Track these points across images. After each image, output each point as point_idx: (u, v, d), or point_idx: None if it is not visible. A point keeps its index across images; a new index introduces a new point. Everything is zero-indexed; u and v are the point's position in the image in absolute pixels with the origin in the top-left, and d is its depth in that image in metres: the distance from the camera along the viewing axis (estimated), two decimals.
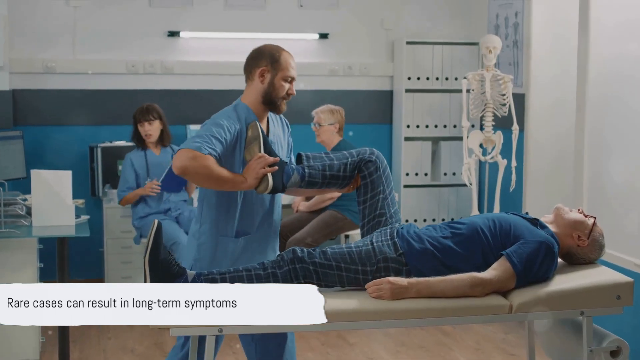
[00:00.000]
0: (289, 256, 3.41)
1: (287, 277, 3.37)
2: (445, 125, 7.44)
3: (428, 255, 3.45)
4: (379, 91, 7.55)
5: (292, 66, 3.75)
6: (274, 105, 3.75)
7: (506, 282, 3.39)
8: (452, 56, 7.38)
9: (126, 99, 7.02)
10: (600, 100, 5.55)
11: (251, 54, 3.78)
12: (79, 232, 4.96)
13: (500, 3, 6.95)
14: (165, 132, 6.32)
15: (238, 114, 3.70)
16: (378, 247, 3.45)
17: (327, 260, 3.41)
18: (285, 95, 3.74)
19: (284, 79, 3.72)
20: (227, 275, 3.35)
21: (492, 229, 3.52)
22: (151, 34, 7.12)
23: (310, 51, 7.36)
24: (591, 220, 3.65)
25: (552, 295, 3.38)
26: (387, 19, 7.49)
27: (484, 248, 3.48)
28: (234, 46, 7.12)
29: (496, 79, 6.18)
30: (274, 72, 3.71)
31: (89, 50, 6.98)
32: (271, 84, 3.71)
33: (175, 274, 3.31)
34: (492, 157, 6.30)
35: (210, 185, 3.57)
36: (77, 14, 6.97)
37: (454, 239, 3.50)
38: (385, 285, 3.31)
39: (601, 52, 5.52)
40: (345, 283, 3.43)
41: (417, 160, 7.42)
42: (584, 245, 3.62)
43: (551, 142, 6.51)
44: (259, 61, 3.73)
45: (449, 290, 3.34)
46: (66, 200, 5.13)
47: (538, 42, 6.49)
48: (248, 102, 3.76)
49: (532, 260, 3.41)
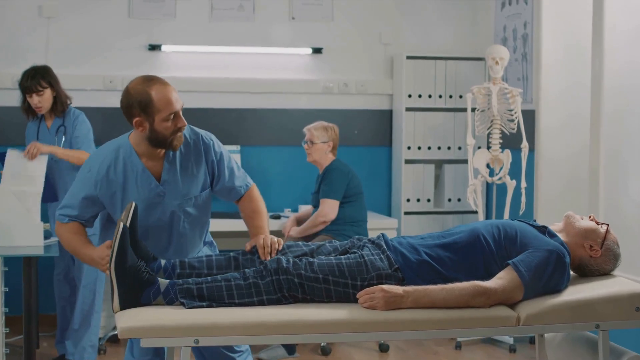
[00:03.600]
0: (273, 266, 3.35)
1: (270, 289, 3.32)
2: (449, 146, 7.40)
3: (426, 267, 3.39)
4: (377, 110, 7.51)
5: (169, 101, 3.56)
6: (166, 146, 3.64)
7: (512, 293, 3.33)
8: (456, 72, 7.36)
9: (103, 117, 6.98)
10: (617, 113, 5.53)
11: (121, 103, 3.63)
12: (47, 252, 4.89)
13: (508, 14, 6.94)
14: (59, 99, 5.92)
15: (123, 156, 3.69)
16: (370, 262, 3.39)
17: (314, 273, 3.35)
18: (174, 132, 3.61)
19: (164, 120, 3.57)
20: (204, 285, 3.29)
21: (496, 237, 3.47)
22: (130, 47, 7.10)
23: (303, 67, 7.34)
24: (604, 227, 3.59)
25: (564, 306, 3.33)
26: (385, 33, 7.48)
27: (487, 257, 3.42)
28: (220, 61, 7.10)
29: (503, 93, 6.15)
30: (150, 118, 3.57)
31: (62, 64, 6.93)
32: (152, 130, 3.59)
33: (145, 281, 3.25)
34: (500, 177, 6.26)
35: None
36: (50, 25, 6.96)
37: (452, 247, 3.44)
38: (378, 294, 3.25)
39: (617, 61, 5.51)
40: (333, 298, 3.37)
41: (418, 185, 7.36)
42: (597, 255, 3.57)
43: (564, 160, 6.46)
44: (131, 111, 3.59)
45: (450, 299, 3.28)
46: (35, 219, 5.09)
47: (549, 53, 6.47)
48: (135, 143, 3.71)
49: (541, 271, 3.35)
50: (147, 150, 3.67)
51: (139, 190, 3.67)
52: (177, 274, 3.42)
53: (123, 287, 3.21)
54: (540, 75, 6.50)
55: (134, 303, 3.23)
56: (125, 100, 3.60)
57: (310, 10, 7.37)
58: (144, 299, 3.24)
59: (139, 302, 3.24)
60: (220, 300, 3.26)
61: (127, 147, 3.69)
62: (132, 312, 3.18)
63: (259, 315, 3.18)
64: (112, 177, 3.66)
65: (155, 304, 3.25)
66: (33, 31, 6.95)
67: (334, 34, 7.42)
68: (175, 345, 3.12)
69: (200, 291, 3.26)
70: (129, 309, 3.22)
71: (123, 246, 3.21)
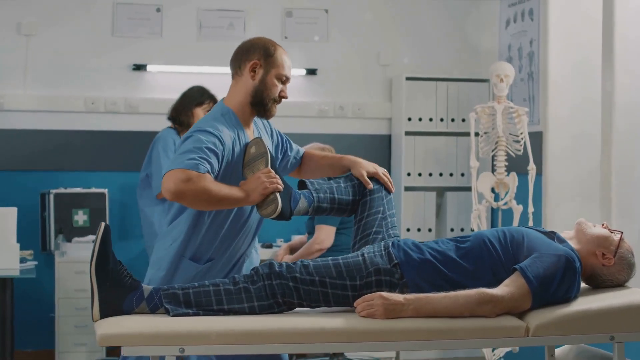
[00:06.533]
0: (265, 271, 3.31)
1: (262, 294, 3.28)
2: (452, 173, 7.39)
3: (428, 267, 3.35)
4: (375, 135, 7.51)
5: (288, 65, 3.73)
6: (263, 108, 3.71)
7: (520, 301, 3.29)
8: (459, 94, 7.37)
9: (84, 140, 6.98)
10: (629, 131, 5.52)
11: (241, 47, 3.77)
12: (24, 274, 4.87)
13: (513, 32, 6.97)
14: None
15: (227, 122, 3.65)
16: (369, 258, 3.36)
17: (310, 275, 3.31)
18: (277, 98, 3.71)
19: (277, 77, 3.69)
20: (191, 291, 3.25)
21: (502, 241, 3.44)
22: (114, 67, 7.10)
23: (297, 89, 7.31)
24: (617, 235, 3.57)
25: (576, 316, 3.29)
26: (383, 53, 7.50)
27: (494, 263, 3.39)
28: (208, 82, 7.03)
29: (509, 112, 6.14)
30: (267, 68, 3.68)
31: (42, 84, 6.96)
32: (263, 81, 3.67)
33: (128, 286, 3.21)
34: (506, 202, 6.23)
35: (207, 208, 3.54)
36: (29, 43, 6.96)
37: (458, 252, 3.42)
38: (377, 301, 3.21)
39: (629, 76, 5.51)
40: (331, 302, 3.33)
41: (419, 214, 7.34)
42: (609, 264, 3.53)
43: (573, 184, 6.44)
44: (250, 54, 3.70)
45: (454, 308, 3.24)
46: (10, 240, 5.08)
47: (556, 70, 6.47)
48: (232, 105, 3.71)
49: (550, 277, 3.31)
50: (244, 117, 3.71)
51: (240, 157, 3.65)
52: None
53: (103, 292, 3.16)
54: (548, 94, 6.50)
55: (115, 311, 3.18)
56: (248, 44, 3.74)
57: (304, 29, 7.39)
58: (126, 305, 3.19)
59: (120, 309, 3.18)
60: (208, 305, 3.21)
61: (230, 114, 3.69)
62: (112, 319, 3.13)
63: (249, 323, 3.14)
64: (226, 140, 3.59)
65: (138, 311, 3.20)
66: (11, 49, 6.95)
67: (329, 54, 7.44)
68: (158, 354, 3.07)
69: (186, 296, 3.22)
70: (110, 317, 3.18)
71: (105, 247, 3.17)
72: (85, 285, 6.37)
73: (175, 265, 3.64)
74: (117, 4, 7.07)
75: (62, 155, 6.99)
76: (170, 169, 3.38)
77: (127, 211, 6.97)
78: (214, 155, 3.48)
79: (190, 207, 3.53)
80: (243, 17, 7.27)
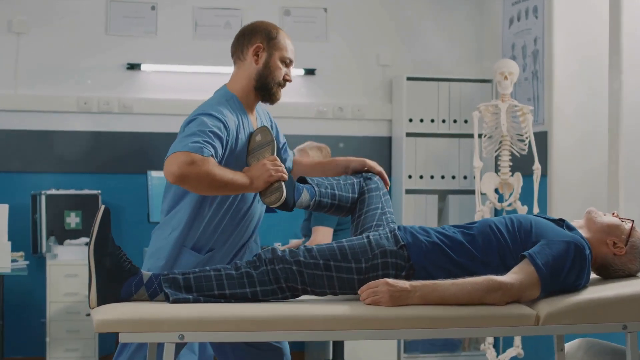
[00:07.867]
0: (268, 256, 3.29)
1: (265, 279, 3.26)
2: (454, 175, 7.38)
3: (436, 249, 3.34)
4: (375, 137, 7.51)
5: (291, 48, 3.77)
6: (268, 92, 3.73)
7: (529, 289, 3.27)
8: (461, 94, 7.37)
9: (77, 141, 6.96)
10: (638, 131, 5.52)
11: (242, 31, 3.81)
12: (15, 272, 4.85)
13: (517, 30, 6.97)
14: None
15: (231, 107, 3.65)
16: (375, 240, 3.35)
17: (314, 259, 3.29)
18: (282, 82, 3.74)
19: (281, 60, 3.73)
20: (192, 275, 3.23)
21: (509, 227, 3.44)
22: (107, 66, 7.10)
23: (295, 90, 7.31)
24: (629, 224, 3.56)
25: (588, 305, 3.27)
26: (383, 53, 7.50)
27: (502, 248, 3.38)
28: (203, 82, 7.06)
29: (513, 111, 6.13)
30: (271, 51, 3.72)
31: (34, 84, 6.95)
32: (267, 64, 3.70)
33: (126, 271, 3.19)
34: (510, 203, 6.21)
35: (209, 192, 3.54)
36: (20, 42, 6.96)
37: (465, 237, 3.40)
38: (382, 288, 3.19)
39: (637, 72, 5.51)
40: (336, 287, 3.31)
41: (420, 217, 7.33)
42: (621, 253, 3.52)
43: (579, 184, 6.44)
44: (253, 38, 3.74)
45: (462, 295, 3.21)
46: (1, 238, 5.06)
47: (561, 68, 6.48)
48: (236, 90, 3.73)
49: (560, 264, 3.30)
50: (248, 102, 3.73)
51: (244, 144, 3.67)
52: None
53: (102, 278, 3.14)
54: (553, 93, 6.50)
55: (113, 297, 3.15)
56: (251, 27, 3.78)
57: (302, 29, 7.39)
58: (124, 292, 3.17)
59: (118, 296, 3.16)
60: (209, 290, 3.19)
61: (235, 100, 3.71)
62: (110, 306, 3.11)
63: (251, 309, 3.11)
64: (230, 126, 3.59)
65: (137, 297, 3.18)
66: (1, 48, 6.95)
67: (328, 54, 7.44)
68: (157, 340, 3.05)
69: (187, 281, 3.19)
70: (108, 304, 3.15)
71: (104, 230, 3.15)
72: (77, 288, 6.39)
73: (175, 254, 3.64)
74: (111, 2, 7.07)
75: (54, 156, 6.98)
76: (174, 151, 3.37)
77: (121, 213, 6.95)
78: (218, 140, 3.48)
79: (193, 191, 3.52)
80: (240, 15, 7.27)
